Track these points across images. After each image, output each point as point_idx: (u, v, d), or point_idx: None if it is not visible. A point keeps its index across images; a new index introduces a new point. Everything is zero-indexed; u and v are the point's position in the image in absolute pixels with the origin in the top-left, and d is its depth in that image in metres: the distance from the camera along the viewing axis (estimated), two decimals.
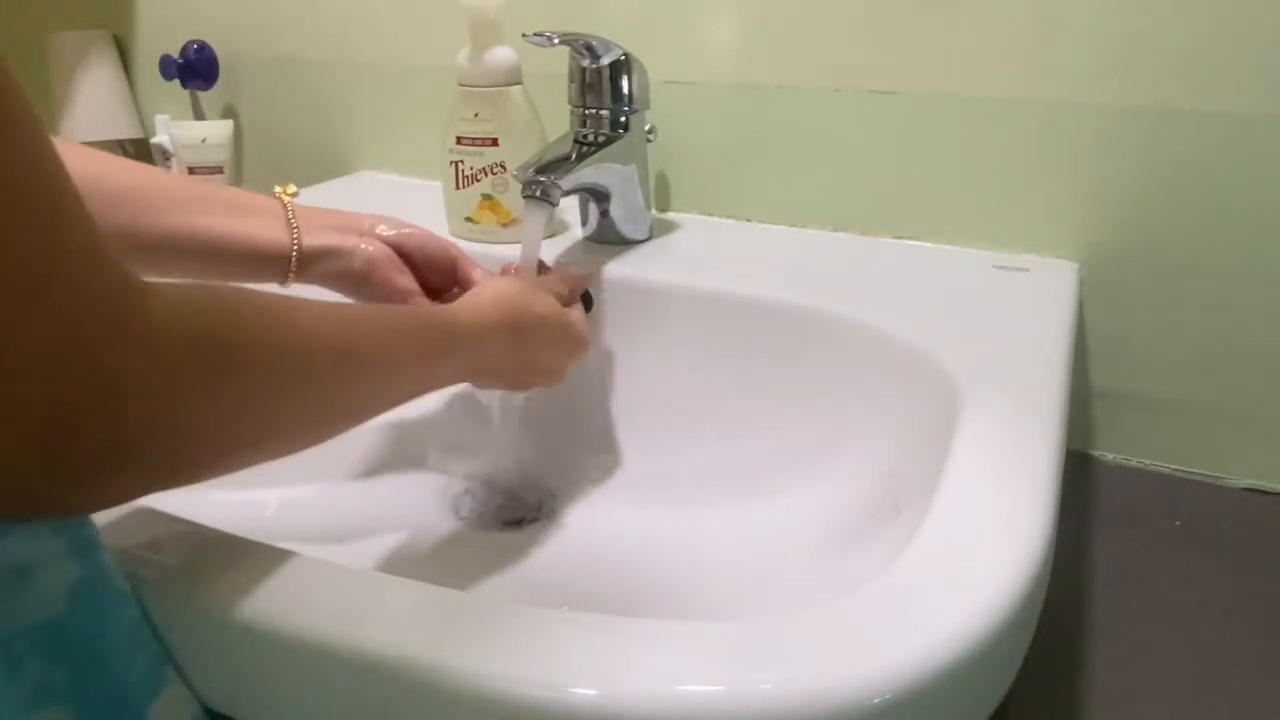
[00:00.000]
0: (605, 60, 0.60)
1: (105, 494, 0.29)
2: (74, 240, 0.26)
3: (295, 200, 0.53)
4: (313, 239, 0.52)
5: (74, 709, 0.29)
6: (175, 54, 0.88)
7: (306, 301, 0.36)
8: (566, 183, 0.57)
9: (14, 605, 0.28)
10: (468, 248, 0.58)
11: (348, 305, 0.39)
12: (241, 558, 0.34)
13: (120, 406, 0.27)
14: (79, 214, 0.26)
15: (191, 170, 0.85)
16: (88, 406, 0.26)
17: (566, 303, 0.54)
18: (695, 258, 0.64)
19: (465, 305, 0.47)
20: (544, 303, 0.51)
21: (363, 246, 0.53)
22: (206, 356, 0.29)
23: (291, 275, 0.51)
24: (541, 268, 0.57)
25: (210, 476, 0.32)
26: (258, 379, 0.32)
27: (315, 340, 0.35)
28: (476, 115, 0.65)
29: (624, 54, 0.60)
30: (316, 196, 0.79)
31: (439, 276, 0.56)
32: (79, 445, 0.26)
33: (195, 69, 0.88)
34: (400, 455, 0.60)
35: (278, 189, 0.53)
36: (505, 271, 0.57)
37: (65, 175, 0.26)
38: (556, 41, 0.55)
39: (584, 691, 0.28)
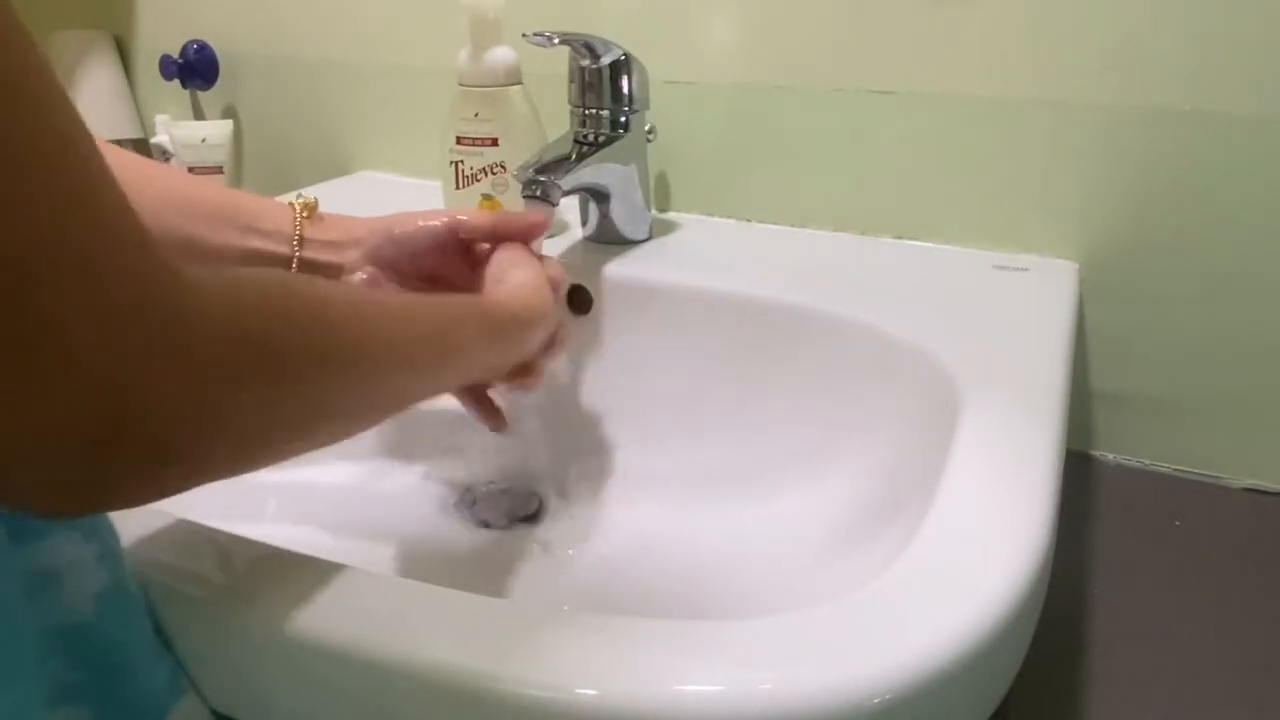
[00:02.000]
0: (605, 60, 0.60)
1: (147, 489, 0.28)
2: (126, 234, 0.25)
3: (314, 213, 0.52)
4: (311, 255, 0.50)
5: (93, 710, 0.30)
6: (175, 54, 0.88)
7: (360, 292, 0.35)
8: (566, 183, 0.57)
9: (44, 607, 0.28)
10: None
11: (403, 296, 0.39)
12: (241, 559, 0.34)
13: (169, 401, 0.26)
14: (129, 213, 0.26)
15: (191, 170, 0.85)
16: (137, 401, 0.25)
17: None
18: (695, 258, 0.64)
19: (509, 294, 0.47)
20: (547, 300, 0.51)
21: (360, 276, 0.51)
22: (255, 353, 0.29)
23: None
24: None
25: (253, 469, 0.31)
26: (306, 377, 0.31)
27: (365, 335, 0.35)
28: (476, 115, 0.65)
29: (624, 54, 0.60)
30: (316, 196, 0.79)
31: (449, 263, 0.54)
32: (126, 439, 0.26)
33: (195, 69, 0.88)
34: (402, 455, 0.60)
35: (298, 203, 0.52)
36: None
37: (109, 170, 0.25)
38: (556, 41, 0.55)
39: (584, 691, 0.28)
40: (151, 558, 0.34)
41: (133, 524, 0.35)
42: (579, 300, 0.62)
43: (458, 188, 0.67)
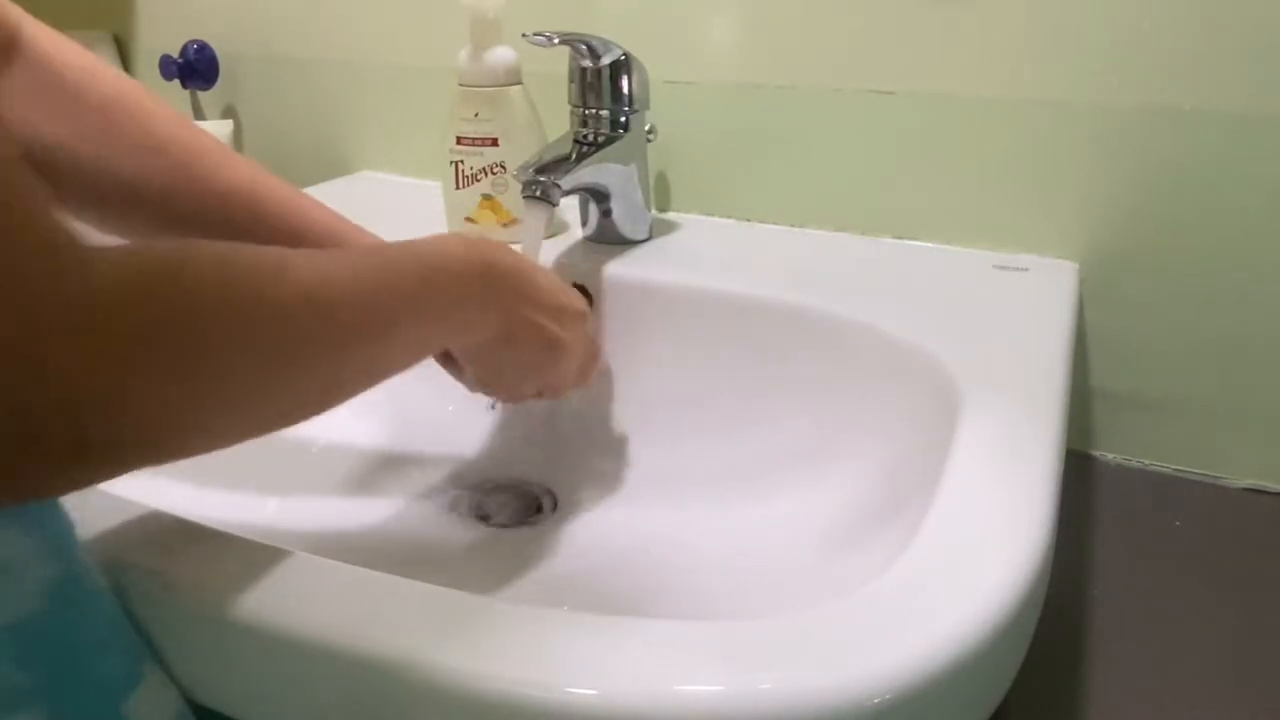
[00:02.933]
0: (605, 60, 0.60)
1: (61, 483, 0.28)
2: (28, 241, 0.24)
3: None
4: None
5: (48, 707, 0.29)
6: (175, 54, 0.88)
7: (281, 254, 0.33)
8: (566, 183, 0.57)
9: None
10: None
11: (330, 253, 0.36)
12: (241, 556, 0.34)
13: (65, 394, 0.25)
14: (38, 219, 0.25)
15: None
16: (30, 397, 0.25)
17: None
18: (695, 258, 0.64)
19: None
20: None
21: None
22: (153, 335, 0.27)
23: None
24: None
25: (177, 458, 0.30)
26: (212, 356, 0.29)
27: (287, 303, 0.32)
28: (476, 115, 0.65)
29: (624, 54, 0.60)
30: (316, 196, 0.79)
31: None
32: (37, 431, 0.25)
33: (195, 69, 0.88)
34: (402, 454, 0.60)
35: None
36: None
37: (18, 184, 0.25)
38: (556, 41, 0.55)
39: (583, 691, 0.28)
40: (135, 553, 0.34)
41: (115, 517, 0.35)
42: None
43: (458, 188, 0.67)
